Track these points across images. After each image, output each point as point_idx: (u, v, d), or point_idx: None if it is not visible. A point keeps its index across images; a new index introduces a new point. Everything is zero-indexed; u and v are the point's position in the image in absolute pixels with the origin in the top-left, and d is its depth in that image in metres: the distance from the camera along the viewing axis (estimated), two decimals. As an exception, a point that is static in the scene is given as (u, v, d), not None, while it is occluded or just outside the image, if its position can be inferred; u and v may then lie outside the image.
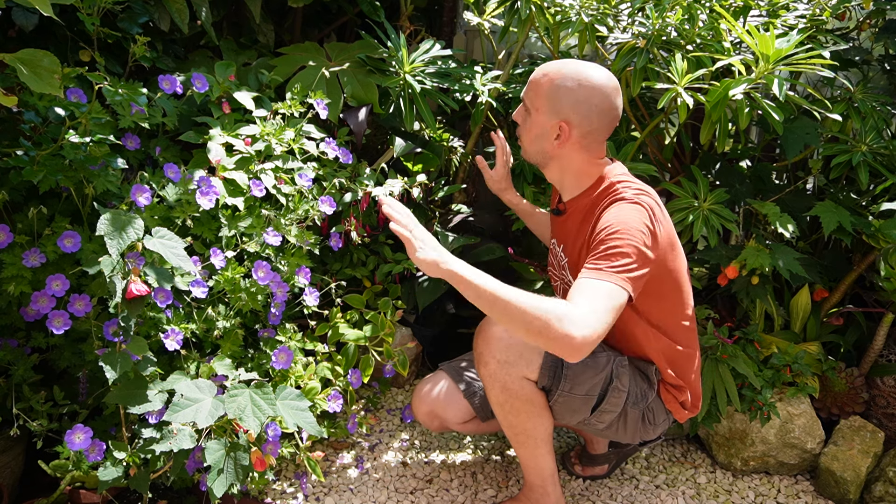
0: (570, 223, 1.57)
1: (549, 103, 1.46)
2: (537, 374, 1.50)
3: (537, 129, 1.50)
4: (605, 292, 1.28)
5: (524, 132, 1.55)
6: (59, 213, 1.54)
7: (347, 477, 1.88)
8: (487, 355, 1.51)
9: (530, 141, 1.54)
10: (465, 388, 1.72)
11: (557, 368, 1.50)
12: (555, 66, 1.48)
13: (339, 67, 2.09)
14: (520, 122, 1.56)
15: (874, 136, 1.94)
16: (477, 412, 1.72)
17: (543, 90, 1.47)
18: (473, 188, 2.68)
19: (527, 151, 1.57)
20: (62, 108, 1.53)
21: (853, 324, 2.15)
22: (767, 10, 1.88)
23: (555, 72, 1.46)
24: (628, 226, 1.36)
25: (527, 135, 1.54)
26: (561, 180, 1.57)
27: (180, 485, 1.63)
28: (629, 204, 1.41)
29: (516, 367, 1.49)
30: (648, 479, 1.94)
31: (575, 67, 1.46)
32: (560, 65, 1.47)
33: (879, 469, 1.85)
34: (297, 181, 1.77)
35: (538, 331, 1.21)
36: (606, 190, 1.49)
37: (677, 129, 2.23)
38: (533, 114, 1.50)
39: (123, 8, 1.81)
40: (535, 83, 1.49)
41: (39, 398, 1.52)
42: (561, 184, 1.58)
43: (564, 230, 1.60)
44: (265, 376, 1.70)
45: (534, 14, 1.97)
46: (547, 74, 1.47)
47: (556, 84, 1.45)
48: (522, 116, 1.55)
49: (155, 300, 1.42)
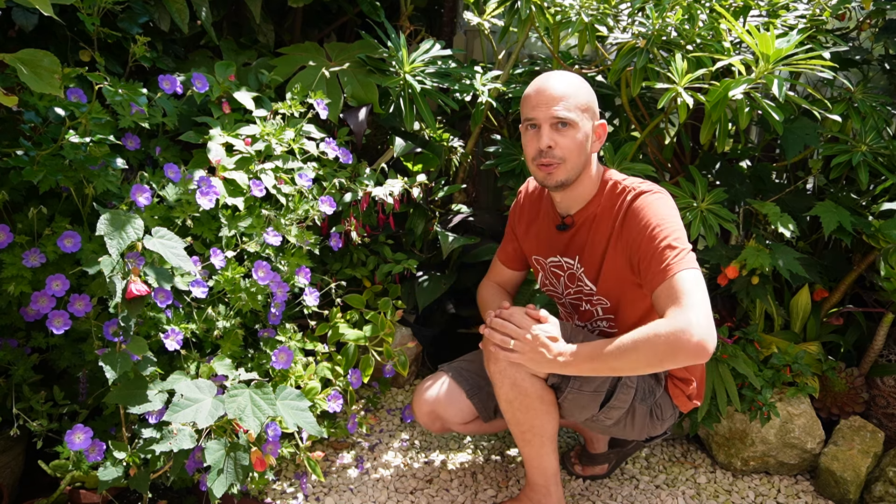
0: (581, 234, 1.58)
1: (590, 107, 1.50)
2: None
3: (583, 137, 1.49)
4: (692, 282, 1.35)
5: (568, 148, 1.48)
6: (59, 213, 1.54)
7: (347, 477, 1.88)
8: (498, 352, 1.51)
9: (576, 154, 1.48)
10: (467, 389, 1.71)
11: None
12: (569, 76, 1.51)
13: (339, 67, 2.09)
14: (555, 144, 1.48)
15: (874, 136, 1.94)
16: (479, 412, 1.72)
17: (584, 96, 1.49)
18: (473, 188, 2.68)
19: (568, 169, 1.50)
20: (62, 108, 1.53)
21: (853, 324, 2.15)
22: (767, 10, 1.88)
23: (578, 80, 1.51)
24: (669, 214, 1.43)
25: (571, 149, 1.48)
26: (578, 193, 1.56)
27: (180, 485, 1.63)
28: (654, 196, 1.47)
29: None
30: (648, 479, 1.94)
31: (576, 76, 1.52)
32: (567, 74, 1.51)
33: (879, 469, 1.85)
34: (297, 181, 1.77)
35: (671, 357, 1.31)
36: (614, 191, 1.52)
37: (677, 129, 2.23)
38: (578, 123, 1.47)
39: (123, 8, 1.81)
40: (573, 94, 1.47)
41: (39, 398, 1.52)
42: (575, 197, 1.57)
43: (574, 243, 1.60)
44: (265, 376, 1.70)
45: (534, 14, 1.97)
46: (578, 83, 1.50)
47: (587, 88, 1.51)
48: (556, 138, 1.48)
49: (155, 300, 1.42)
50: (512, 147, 2.22)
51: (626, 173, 1.93)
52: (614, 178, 1.56)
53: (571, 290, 1.65)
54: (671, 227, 1.42)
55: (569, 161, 1.49)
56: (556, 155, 1.48)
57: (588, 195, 1.56)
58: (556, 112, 1.46)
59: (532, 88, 1.51)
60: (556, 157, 1.48)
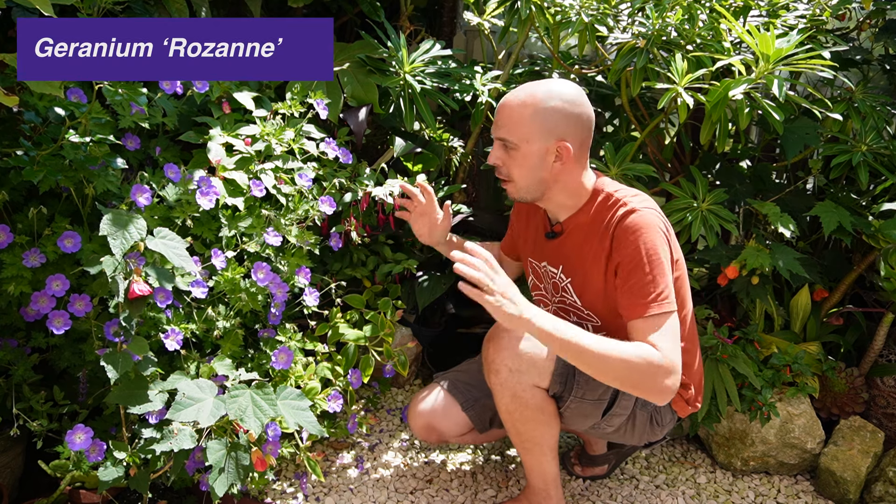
0: (569, 243, 1.55)
1: (539, 129, 1.42)
2: (548, 381, 1.50)
3: (531, 159, 1.44)
4: (669, 326, 1.37)
5: (514, 169, 1.47)
6: (59, 213, 1.54)
7: (347, 477, 1.88)
8: (499, 363, 1.50)
9: (524, 175, 1.46)
10: (462, 401, 1.71)
11: (569, 375, 1.50)
12: (526, 93, 1.44)
13: (339, 67, 2.08)
14: (501, 163, 1.48)
15: (874, 136, 1.94)
16: (474, 424, 1.71)
17: (527, 119, 1.42)
18: (473, 188, 2.68)
19: (519, 188, 1.49)
20: (62, 108, 1.53)
21: (853, 324, 2.15)
22: (767, 10, 1.88)
23: (531, 98, 1.43)
24: (654, 249, 1.40)
25: (518, 170, 1.47)
26: (559, 203, 1.53)
27: (180, 485, 1.63)
28: (645, 222, 1.41)
29: (527, 376, 1.49)
30: (648, 479, 1.94)
31: (546, 87, 1.44)
32: (530, 90, 1.44)
33: (879, 469, 1.85)
34: (297, 181, 1.77)
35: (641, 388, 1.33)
36: (606, 203, 1.48)
37: (677, 130, 2.23)
38: (521, 146, 1.44)
39: (123, 8, 1.81)
40: (516, 116, 1.43)
41: (39, 398, 1.52)
42: (558, 207, 1.54)
43: (561, 252, 1.57)
44: (265, 376, 1.70)
45: (534, 14, 1.97)
46: (525, 103, 1.43)
47: (541, 108, 1.42)
48: (503, 157, 1.48)
49: (155, 300, 1.42)
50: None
51: (627, 173, 1.94)
52: (607, 188, 1.50)
53: (556, 299, 1.64)
54: (661, 259, 1.39)
55: (518, 181, 1.48)
56: (502, 172, 1.49)
57: (574, 205, 1.52)
58: (499, 131, 1.46)
59: None
60: (503, 174, 1.49)
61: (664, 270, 1.39)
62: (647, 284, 1.37)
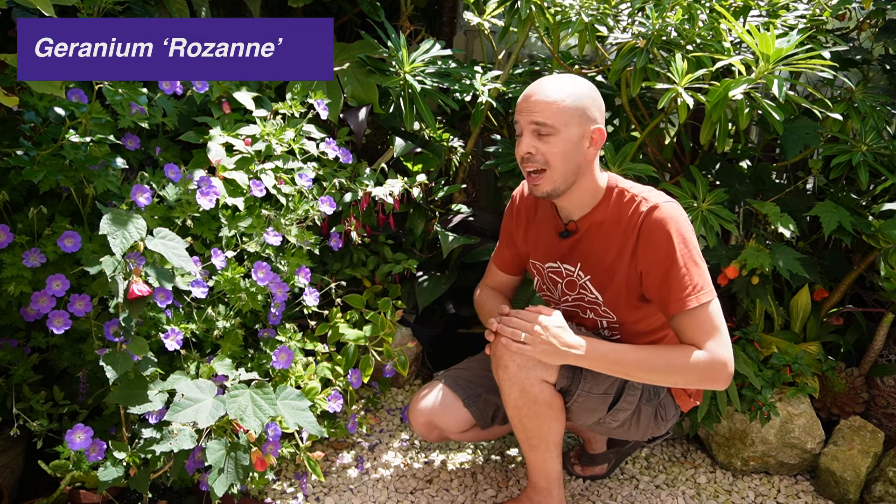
0: (587, 241, 1.54)
1: (576, 113, 1.42)
2: (556, 376, 1.50)
3: (569, 143, 1.43)
4: (715, 313, 1.41)
5: (551, 155, 1.44)
6: (59, 213, 1.54)
7: (347, 477, 1.88)
8: (507, 358, 1.49)
9: (562, 161, 1.44)
10: (463, 397, 1.70)
11: (576, 370, 1.50)
12: (556, 81, 1.45)
13: (340, 67, 2.08)
14: (535, 151, 1.45)
15: (874, 136, 1.94)
16: (476, 420, 1.71)
17: (566, 103, 1.42)
18: (473, 188, 2.68)
19: (555, 177, 1.46)
20: (62, 108, 1.53)
21: (853, 324, 2.15)
22: (767, 10, 1.88)
23: (564, 84, 1.44)
24: (685, 241, 1.43)
25: (556, 156, 1.44)
26: (578, 199, 1.52)
27: (180, 485, 1.63)
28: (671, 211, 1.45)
29: (535, 371, 1.49)
30: (648, 479, 1.94)
31: (569, 76, 1.47)
32: (557, 79, 1.46)
33: (879, 469, 1.85)
34: (297, 181, 1.77)
35: (700, 383, 1.41)
36: (622, 200, 1.49)
37: (677, 129, 2.23)
38: (561, 130, 1.42)
39: (124, 8, 1.81)
40: (553, 101, 1.42)
41: (39, 398, 1.52)
42: (575, 204, 1.53)
43: (578, 250, 1.57)
44: (265, 376, 1.70)
45: (534, 14, 1.97)
46: (560, 88, 1.43)
47: (575, 93, 1.43)
48: (537, 145, 1.44)
49: (155, 300, 1.42)
50: (512, 147, 2.22)
51: (627, 173, 1.94)
52: (619, 184, 1.51)
53: (570, 297, 1.63)
54: (694, 249, 1.43)
55: (555, 167, 1.44)
56: (537, 161, 1.45)
57: (591, 201, 1.52)
58: (534, 117, 1.43)
59: (522, 94, 1.48)
60: (537, 162, 1.45)
61: (697, 260, 1.42)
62: (683, 277, 1.40)
